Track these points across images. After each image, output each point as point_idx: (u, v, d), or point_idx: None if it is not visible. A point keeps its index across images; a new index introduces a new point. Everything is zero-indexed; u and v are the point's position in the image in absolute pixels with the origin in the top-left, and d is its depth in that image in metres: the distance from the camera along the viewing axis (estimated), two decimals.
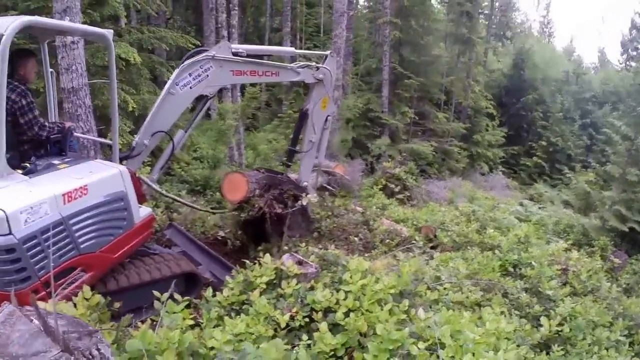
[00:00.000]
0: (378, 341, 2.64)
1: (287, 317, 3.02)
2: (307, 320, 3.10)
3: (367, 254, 6.45)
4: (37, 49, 4.71)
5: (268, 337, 2.80)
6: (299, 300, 3.20)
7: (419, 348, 2.58)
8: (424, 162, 23.40)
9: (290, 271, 3.48)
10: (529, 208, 17.41)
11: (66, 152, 4.34)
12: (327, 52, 6.84)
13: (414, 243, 7.11)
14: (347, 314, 3.00)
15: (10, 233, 3.05)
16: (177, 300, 2.75)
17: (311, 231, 6.77)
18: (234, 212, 6.61)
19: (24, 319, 1.65)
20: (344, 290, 3.19)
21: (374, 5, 28.16)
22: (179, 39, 11.05)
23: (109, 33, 4.23)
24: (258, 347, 2.53)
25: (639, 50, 42.83)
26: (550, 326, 4.16)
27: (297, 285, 3.32)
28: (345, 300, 3.11)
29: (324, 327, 2.86)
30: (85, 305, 2.63)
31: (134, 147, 5.07)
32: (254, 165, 13.68)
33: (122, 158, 4.83)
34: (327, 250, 4.37)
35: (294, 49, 7.02)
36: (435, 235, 8.33)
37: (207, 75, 5.26)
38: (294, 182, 6.62)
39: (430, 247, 7.64)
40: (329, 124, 7.01)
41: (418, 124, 25.97)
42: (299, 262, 3.68)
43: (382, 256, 5.79)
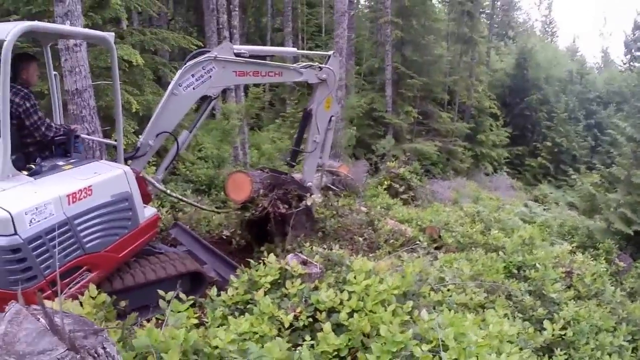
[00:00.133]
0: (381, 342, 2.64)
1: (291, 317, 3.02)
2: (310, 320, 3.10)
3: (371, 254, 6.44)
4: (40, 52, 4.73)
5: (272, 337, 2.81)
6: (303, 300, 3.21)
7: (422, 350, 2.57)
8: (428, 162, 23.42)
9: (294, 271, 3.48)
10: (534, 209, 17.36)
11: (71, 154, 4.37)
12: (330, 52, 6.83)
13: (418, 243, 7.09)
14: (350, 315, 3.00)
15: (15, 233, 3.09)
16: (182, 299, 2.77)
17: (315, 231, 6.76)
18: (238, 211, 6.62)
19: (31, 318, 1.66)
20: (347, 291, 3.18)
21: (375, 5, 28.18)
22: (181, 40, 11.08)
23: (110, 36, 4.24)
24: (262, 346, 2.55)
25: None
26: (554, 330, 4.14)
27: (301, 285, 3.32)
28: (349, 300, 3.10)
29: (327, 327, 2.86)
30: (91, 304, 2.65)
31: (139, 148, 5.09)
32: (258, 165, 13.71)
33: (127, 158, 4.86)
34: (332, 250, 4.37)
35: (296, 49, 7.04)
36: (439, 236, 8.30)
37: (210, 76, 5.27)
38: (298, 182, 6.62)
39: (435, 247, 7.61)
40: (333, 124, 7.01)
41: (422, 123, 25.98)
42: (304, 262, 3.68)
43: (386, 256, 5.77)
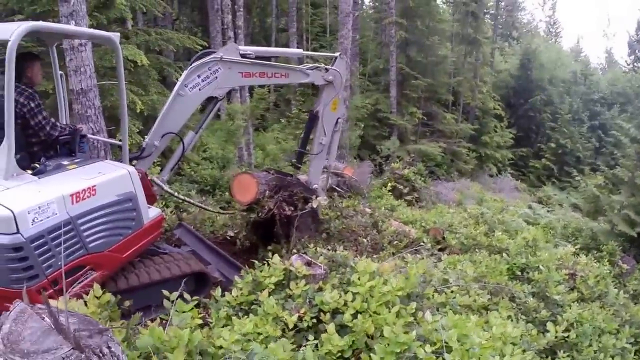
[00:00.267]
0: (385, 343, 2.64)
1: (295, 318, 3.02)
2: (314, 321, 3.10)
3: (375, 256, 6.43)
4: (45, 52, 4.74)
5: (276, 337, 2.81)
6: (307, 301, 3.21)
7: (425, 351, 2.57)
8: (432, 163, 23.34)
9: (298, 272, 3.48)
10: (538, 211, 17.33)
11: (76, 153, 4.38)
12: (336, 53, 6.79)
13: (422, 245, 7.09)
14: (354, 316, 3.00)
15: (17, 232, 3.10)
16: (186, 300, 2.77)
17: (320, 232, 6.76)
18: (243, 212, 6.62)
19: (35, 317, 1.67)
20: (352, 292, 3.19)
21: (380, 6, 28.15)
22: (185, 40, 11.07)
23: (115, 36, 4.23)
24: (266, 347, 2.55)
25: None
26: (557, 332, 4.12)
27: (305, 286, 3.33)
28: (353, 301, 3.10)
29: (331, 328, 2.86)
30: (96, 304, 2.65)
31: (144, 148, 5.10)
32: (262, 165, 13.72)
33: (132, 159, 4.86)
34: (336, 251, 4.37)
35: (302, 50, 7.02)
36: (443, 237, 8.29)
37: (216, 77, 5.27)
38: (303, 184, 6.61)
39: (439, 249, 7.62)
40: (340, 126, 6.97)
41: (426, 124, 25.94)
42: (308, 263, 3.68)
43: (390, 258, 5.77)
